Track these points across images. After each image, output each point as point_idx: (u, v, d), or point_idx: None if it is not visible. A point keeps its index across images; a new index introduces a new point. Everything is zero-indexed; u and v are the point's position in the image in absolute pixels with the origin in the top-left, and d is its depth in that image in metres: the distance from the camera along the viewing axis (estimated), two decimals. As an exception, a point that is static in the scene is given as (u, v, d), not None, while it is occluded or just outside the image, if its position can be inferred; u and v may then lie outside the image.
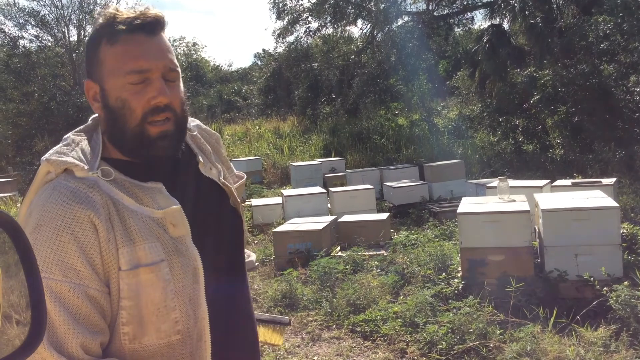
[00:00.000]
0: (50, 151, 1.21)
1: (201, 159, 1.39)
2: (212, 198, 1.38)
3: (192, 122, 1.45)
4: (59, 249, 1.12)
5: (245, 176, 1.60)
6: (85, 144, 1.25)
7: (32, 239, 1.08)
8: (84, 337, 1.11)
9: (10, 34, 21.44)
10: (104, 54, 1.22)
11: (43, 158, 1.20)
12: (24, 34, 22.21)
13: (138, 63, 1.20)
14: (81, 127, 1.31)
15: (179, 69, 1.28)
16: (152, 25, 1.22)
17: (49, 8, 21.73)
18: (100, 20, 1.23)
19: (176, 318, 1.20)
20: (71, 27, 21.90)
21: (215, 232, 1.35)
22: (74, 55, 21.35)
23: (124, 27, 1.19)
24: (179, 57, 39.94)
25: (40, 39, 21.98)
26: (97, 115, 1.31)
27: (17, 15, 21.40)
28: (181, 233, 1.22)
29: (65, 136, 1.27)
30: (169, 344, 1.20)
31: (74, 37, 21.94)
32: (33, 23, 21.62)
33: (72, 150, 1.22)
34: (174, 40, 40.72)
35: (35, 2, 21.50)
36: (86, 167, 1.18)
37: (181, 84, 1.29)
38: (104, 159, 1.24)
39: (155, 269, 1.17)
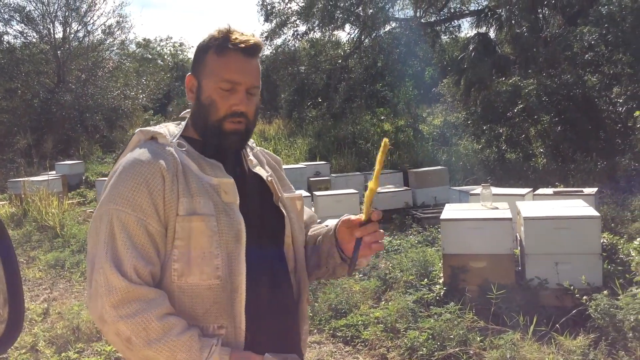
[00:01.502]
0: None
1: (252, 158, 1.67)
2: (257, 189, 1.63)
3: (255, 147, 1.76)
4: (132, 189, 1.41)
5: (302, 196, 1.83)
6: (173, 125, 1.60)
7: (115, 180, 1.44)
8: (137, 261, 1.37)
9: (-5, 29, 21.20)
10: (209, 59, 1.54)
11: (137, 130, 1.56)
12: (8, 30, 22.18)
13: (232, 75, 1.51)
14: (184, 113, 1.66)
15: (260, 86, 1.58)
16: (251, 50, 1.54)
17: (34, 4, 21.51)
18: (215, 33, 1.55)
19: (217, 265, 1.43)
20: (57, 24, 21.70)
21: (259, 214, 1.59)
22: (58, 52, 21.14)
23: (231, 45, 1.51)
24: (165, 57, 39.89)
25: (25, 35, 21.75)
26: (187, 112, 1.65)
27: (2, 11, 21.15)
28: (231, 200, 1.49)
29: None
30: (209, 287, 1.43)
31: (59, 34, 21.73)
32: (18, 19, 21.38)
33: (161, 128, 1.56)
34: (160, 40, 40.62)
35: (20, -2, 21.21)
36: (168, 136, 1.51)
37: (258, 100, 1.60)
38: (183, 136, 1.56)
39: (205, 219, 1.43)
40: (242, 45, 1.52)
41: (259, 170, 1.66)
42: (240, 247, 1.47)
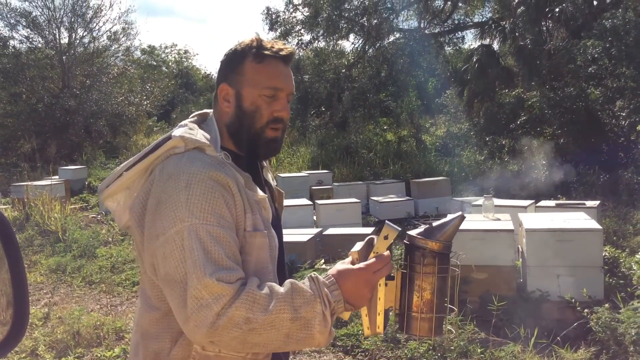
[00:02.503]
0: (179, 130, 1.50)
1: (265, 164, 1.73)
2: (269, 197, 1.65)
3: None
4: (211, 202, 1.38)
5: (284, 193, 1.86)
6: (202, 131, 1.53)
7: (185, 195, 1.37)
8: (237, 272, 1.36)
9: (1, 34, 21.30)
10: (248, 67, 1.53)
11: (176, 134, 1.48)
12: (14, 35, 22.06)
13: (274, 82, 1.53)
14: (191, 119, 1.61)
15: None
16: (289, 57, 1.57)
17: (41, 9, 21.63)
18: (247, 41, 1.55)
19: (271, 280, 1.45)
20: (62, 30, 21.78)
21: (276, 224, 1.60)
22: (64, 57, 21.23)
23: (269, 52, 1.53)
24: (170, 64, 40.03)
25: (30, 40, 21.83)
26: (200, 112, 1.64)
27: (9, 16, 21.26)
28: (268, 216, 1.52)
29: (183, 122, 1.57)
30: None
31: (64, 40, 21.82)
32: (24, 24, 21.48)
33: (197, 134, 1.50)
34: (165, 47, 40.75)
35: (27, 3, 21.36)
36: (216, 150, 1.48)
37: None
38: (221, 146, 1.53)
39: (264, 235, 1.47)
40: (282, 53, 1.54)
41: (268, 177, 1.72)
42: (275, 260, 1.53)
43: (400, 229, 1.47)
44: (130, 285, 6.61)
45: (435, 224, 1.49)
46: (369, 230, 7.41)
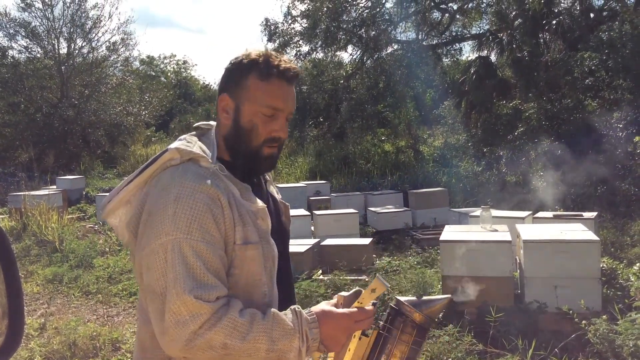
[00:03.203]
0: (176, 143, 1.51)
1: (269, 178, 1.73)
2: (273, 210, 1.65)
3: None
4: (198, 216, 1.38)
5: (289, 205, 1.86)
6: (200, 143, 1.54)
7: (172, 208, 1.38)
8: (218, 290, 1.36)
9: (0, 44, 21.36)
10: (252, 83, 1.51)
11: (172, 147, 1.49)
12: (13, 45, 22.17)
13: (276, 102, 1.51)
14: (191, 133, 1.61)
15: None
16: (294, 77, 1.55)
17: (40, 20, 21.72)
18: (254, 55, 1.53)
19: (265, 292, 1.48)
20: (61, 40, 21.90)
21: (278, 236, 1.58)
22: (62, 67, 21.28)
23: (275, 71, 1.51)
24: (169, 74, 40.11)
25: (29, 50, 21.93)
26: (201, 123, 1.64)
27: (8, 26, 21.35)
28: (266, 227, 1.51)
29: (182, 136, 1.58)
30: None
31: (63, 50, 21.92)
32: (23, 34, 21.58)
33: (194, 146, 1.51)
34: (164, 58, 40.87)
35: (26, 13, 21.40)
36: (209, 159, 1.48)
37: None
38: (217, 157, 1.53)
39: (258, 246, 1.46)
40: (289, 73, 1.53)
41: (272, 190, 1.72)
42: (275, 272, 1.52)
43: (389, 285, 1.48)
44: (127, 296, 6.58)
45: (425, 298, 1.51)
46: (366, 241, 7.40)
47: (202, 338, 1.31)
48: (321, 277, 6.46)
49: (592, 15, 13.78)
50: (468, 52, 20.54)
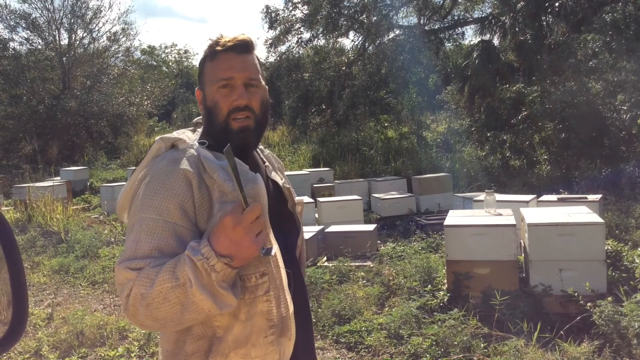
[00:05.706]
0: (166, 134, 1.60)
1: (268, 164, 1.73)
2: (274, 195, 1.66)
3: (265, 150, 1.81)
4: (156, 195, 1.44)
5: (304, 201, 1.88)
6: (189, 132, 1.66)
7: (142, 191, 1.46)
8: (155, 261, 1.38)
9: (1, 36, 21.31)
10: (206, 68, 1.60)
11: (158, 138, 1.58)
12: (14, 37, 22.13)
13: (226, 73, 1.55)
14: (189, 128, 1.70)
15: (260, 79, 1.60)
16: (241, 47, 1.57)
17: (40, 11, 21.65)
18: (209, 43, 1.60)
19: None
20: (62, 31, 21.84)
21: (277, 221, 1.56)
22: (64, 59, 21.24)
23: (220, 48, 1.57)
24: (170, 64, 40.04)
25: (30, 41, 21.88)
26: (198, 118, 1.71)
27: (8, 18, 21.28)
28: (256, 192, 1.48)
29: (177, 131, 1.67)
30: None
31: (64, 41, 21.86)
32: (24, 26, 21.52)
33: (181, 134, 1.61)
34: (165, 47, 40.80)
35: (27, 5, 21.32)
36: (188, 140, 1.56)
37: (264, 92, 1.62)
38: (199, 142, 1.59)
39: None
40: (230, 43, 1.57)
41: (274, 176, 1.72)
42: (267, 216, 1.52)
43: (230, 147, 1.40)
44: (133, 285, 6.60)
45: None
46: (371, 227, 7.41)
47: (130, 298, 1.36)
48: (326, 264, 6.47)
49: (595, -4, 13.64)
50: (470, 36, 20.45)
